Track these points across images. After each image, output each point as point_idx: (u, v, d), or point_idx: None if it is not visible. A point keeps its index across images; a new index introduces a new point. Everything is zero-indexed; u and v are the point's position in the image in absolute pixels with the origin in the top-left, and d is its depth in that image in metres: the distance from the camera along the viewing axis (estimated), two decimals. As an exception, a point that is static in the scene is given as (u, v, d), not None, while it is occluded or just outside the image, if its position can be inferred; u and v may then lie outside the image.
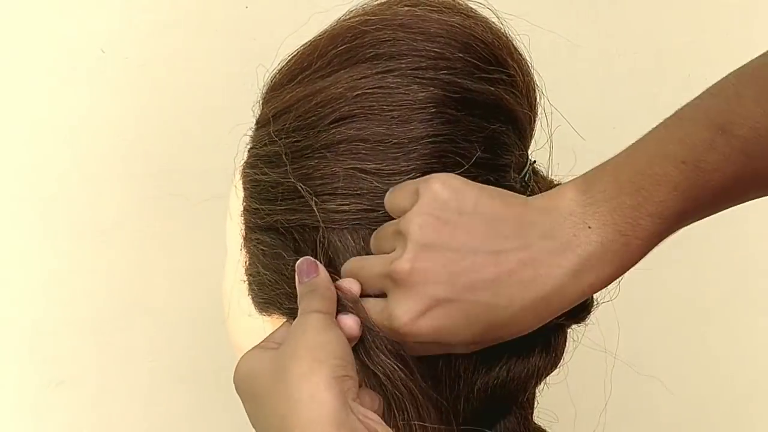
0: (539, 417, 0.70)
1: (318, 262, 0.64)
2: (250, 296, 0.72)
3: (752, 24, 1.32)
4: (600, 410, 0.83)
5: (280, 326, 0.66)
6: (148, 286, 1.09)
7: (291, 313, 0.66)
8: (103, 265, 1.07)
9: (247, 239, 0.72)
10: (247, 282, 0.71)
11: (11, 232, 1.05)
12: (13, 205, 1.04)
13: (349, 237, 0.66)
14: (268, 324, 0.71)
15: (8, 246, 1.04)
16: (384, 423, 0.57)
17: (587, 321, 0.69)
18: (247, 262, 0.71)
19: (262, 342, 0.64)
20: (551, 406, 0.70)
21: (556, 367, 0.69)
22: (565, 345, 0.69)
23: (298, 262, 0.64)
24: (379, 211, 0.65)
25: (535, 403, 0.70)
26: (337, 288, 0.63)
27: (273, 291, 0.69)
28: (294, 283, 0.64)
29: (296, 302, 0.64)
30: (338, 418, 0.55)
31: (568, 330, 0.70)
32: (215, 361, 1.10)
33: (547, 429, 0.70)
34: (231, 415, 1.13)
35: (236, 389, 0.63)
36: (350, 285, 0.64)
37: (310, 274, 0.63)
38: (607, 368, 0.76)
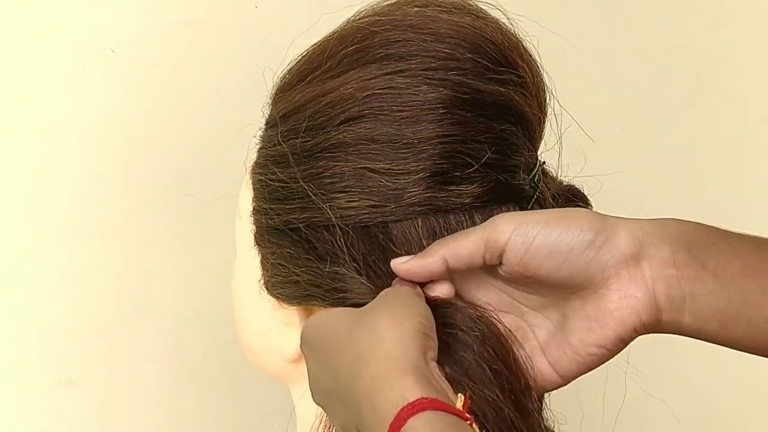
0: (547, 418, 0.70)
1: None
2: (263, 292, 0.72)
3: (762, 24, 1.31)
4: (608, 411, 0.83)
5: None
6: (157, 285, 1.09)
7: (302, 298, 0.67)
8: (112, 264, 1.07)
9: (257, 239, 0.72)
10: (262, 280, 0.72)
11: (21, 232, 1.05)
12: (22, 205, 1.04)
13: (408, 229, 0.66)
14: (280, 322, 0.71)
15: (18, 245, 1.05)
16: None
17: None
18: (260, 261, 0.72)
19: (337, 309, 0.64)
20: (559, 407, 0.70)
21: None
22: None
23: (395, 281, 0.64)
24: (388, 207, 0.66)
25: (544, 403, 0.70)
26: None
27: (289, 285, 0.69)
28: (314, 271, 0.65)
29: (318, 291, 0.65)
30: (417, 364, 0.55)
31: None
32: (224, 361, 1.10)
33: (555, 430, 0.70)
34: (239, 414, 1.14)
35: (303, 342, 0.63)
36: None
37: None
38: (617, 369, 0.76)
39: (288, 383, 0.75)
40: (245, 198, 0.73)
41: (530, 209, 0.69)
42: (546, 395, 0.69)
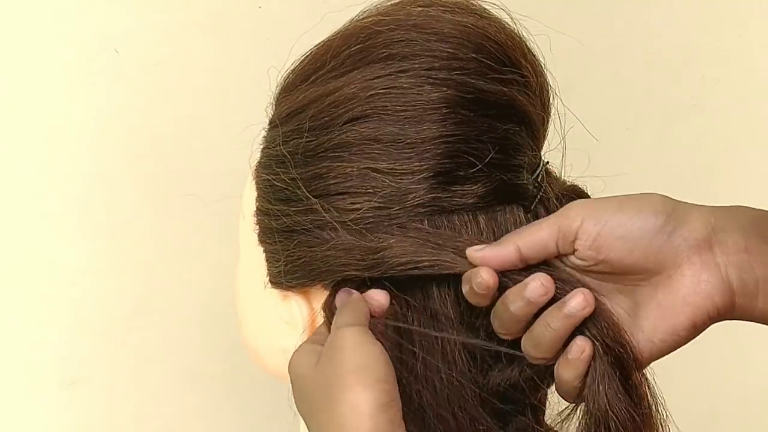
0: (551, 417, 0.70)
1: (351, 290, 0.65)
2: (267, 289, 0.72)
3: (766, 25, 1.31)
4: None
5: (320, 326, 0.67)
6: (160, 286, 1.09)
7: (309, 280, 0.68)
8: (116, 264, 1.07)
9: (261, 239, 0.72)
10: (267, 275, 0.72)
11: (24, 232, 1.05)
12: (26, 205, 1.04)
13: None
14: (283, 322, 0.71)
15: (21, 245, 1.05)
16: None
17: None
18: (265, 257, 0.72)
19: (312, 335, 0.66)
20: (563, 407, 0.69)
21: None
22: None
23: (336, 299, 0.65)
24: (392, 208, 0.65)
25: (547, 403, 0.70)
26: (367, 299, 0.64)
27: (297, 268, 0.69)
28: (322, 254, 0.66)
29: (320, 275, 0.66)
30: None
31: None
32: (228, 361, 1.10)
33: (558, 429, 0.70)
34: (242, 415, 1.14)
35: (290, 375, 0.65)
36: (379, 296, 0.65)
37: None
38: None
39: (292, 383, 0.75)
40: (249, 198, 0.73)
41: (533, 210, 0.69)
42: (549, 395, 0.69)
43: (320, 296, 0.69)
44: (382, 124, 0.66)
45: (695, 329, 0.62)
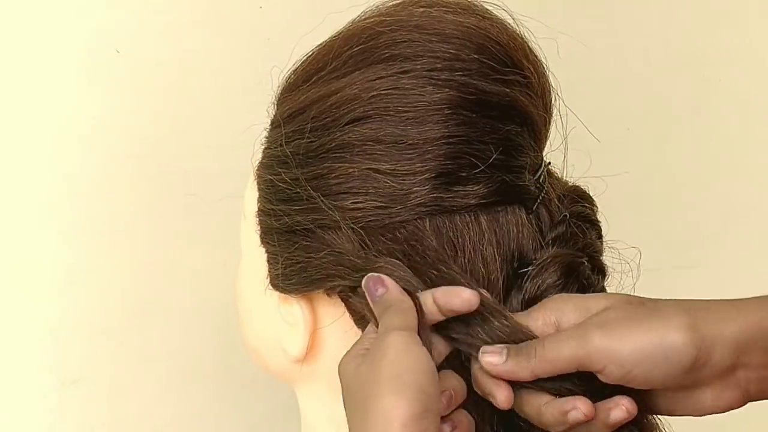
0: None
1: (383, 276, 0.63)
2: (269, 290, 0.71)
3: (768, 26, 1.31)
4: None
5: (369, 326, 0.64)
6: (162, 285, 1.09)
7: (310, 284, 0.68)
8: (117, 264, 1.07)
9: (262, 239, 0.72)
10: (268, 277, 0.71)
11: (26, 231, 1.05)
12: (27, 205, 1.04)
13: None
14: (284, 322, 0.71)
15: (23, 245, 1.05)
16: None
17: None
18: (267, 258, 0.71)
19: (355, 345, 0.63)
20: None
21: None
22: None
23: (363, 281, 0.63)
24: (394, 207, 0.65)
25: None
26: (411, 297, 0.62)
27: (297, 272, 0.69)
28: (317, 261, 0.66)
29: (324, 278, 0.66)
30: None
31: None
32: (229, 361, 1.10)
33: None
34: (243, 414, 1.14)
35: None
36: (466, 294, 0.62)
37: (377, 291, 0.63)
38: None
39: (292, 383, 0.75)
40: (250, 198, 0.73)
41: (535, 210, 0.69)
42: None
43: (322, 298, 0.69)
44: (383, 125, 0.66)
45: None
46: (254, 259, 0.73)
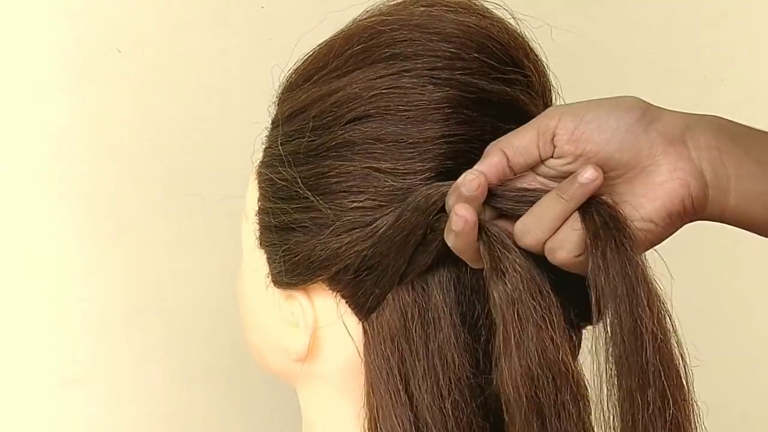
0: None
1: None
2: (270, 290, 0.72)
3: (769, 25, 1.31)
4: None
5: None
6: (163, 285, 1.09)
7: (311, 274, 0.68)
8: (118, 264, 1.07)
9: (262, 239, 0.72)
10: (270, 276, 0.72)
11: (27, 232, 1.05)
12: (29, 205, 1.05)
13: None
14: (286, 322, 0.71)
15: (24, 245, 1.05)
16: None
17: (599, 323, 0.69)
18: (267, 258, 0.72)
19: None
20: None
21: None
22: (580, 345, 0.69)
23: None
24: (393, 206, 0.66)
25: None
26: None
27: (297, 264, 0.69)
28: (321, 245, 0.66)
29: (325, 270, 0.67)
30: None
31: (583, 331, 0.70)
32: (230, 360, 1.10)
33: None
34: (244, 414, 1.14)
35: None
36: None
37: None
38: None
39: (294, 383, 0.75)
40: (251, 198, 0.73)
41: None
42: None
43: (322, 294, 0.69)
44: (384, 124, 0.66)
45: (669, 218, 0.63)
46: (255, 258, 0.73)
